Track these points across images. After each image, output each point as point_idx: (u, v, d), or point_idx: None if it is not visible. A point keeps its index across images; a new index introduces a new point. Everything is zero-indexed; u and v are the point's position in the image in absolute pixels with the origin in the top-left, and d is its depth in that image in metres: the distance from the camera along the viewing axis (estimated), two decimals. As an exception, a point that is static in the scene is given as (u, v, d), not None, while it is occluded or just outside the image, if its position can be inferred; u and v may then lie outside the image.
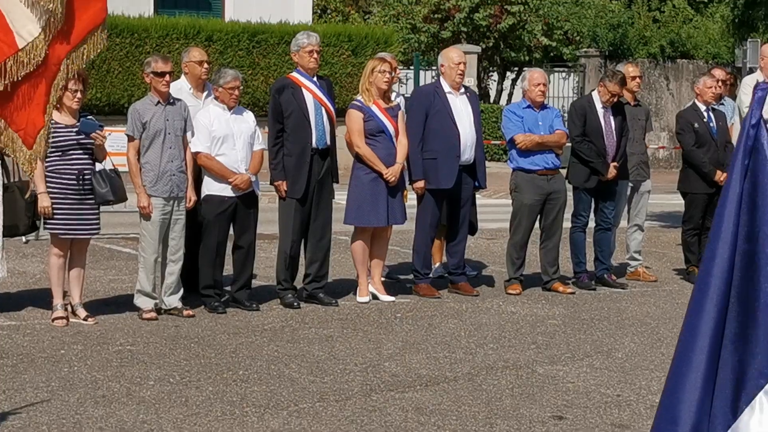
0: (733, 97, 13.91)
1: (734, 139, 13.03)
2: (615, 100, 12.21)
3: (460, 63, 11.66)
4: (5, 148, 4.03)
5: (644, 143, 13.03)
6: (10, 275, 10.69)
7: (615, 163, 12.08)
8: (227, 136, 10.50)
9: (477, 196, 12.36)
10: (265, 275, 12.05)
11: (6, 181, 10.01)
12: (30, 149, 4.02)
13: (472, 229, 12.23)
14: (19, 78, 3.85)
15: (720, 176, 12.63)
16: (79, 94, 9.77)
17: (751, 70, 18.78)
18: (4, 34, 3.85)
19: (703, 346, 2.77)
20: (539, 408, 7.88)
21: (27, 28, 3.86)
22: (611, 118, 12.19)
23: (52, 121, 6.84)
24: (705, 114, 12.86)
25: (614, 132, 12.16)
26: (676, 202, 15.48)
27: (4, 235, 9.99)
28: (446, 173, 11.43)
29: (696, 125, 12.81)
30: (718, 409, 2.77)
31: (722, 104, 13.56)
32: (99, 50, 4.17)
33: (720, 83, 13.42)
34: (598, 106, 12.22)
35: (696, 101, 13.05)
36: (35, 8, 3.86)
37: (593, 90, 12.50)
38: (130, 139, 10.21)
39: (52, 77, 4.00)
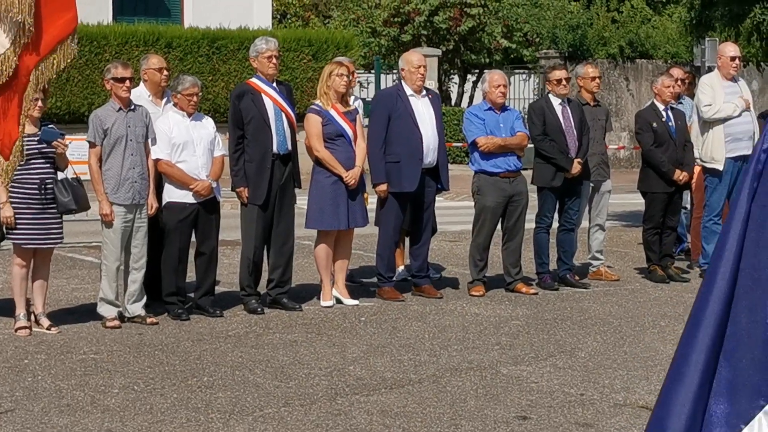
0: (692, 96, 13.99)
1: (693, 137, 13.16)
2: (568, 84, 12.33)
3: (420, 66, 11.69)
4: None
5: (604, 143, 13.11)
6: (-29, 286, 10.64)
7: (578, 159, 12.16)
8: (187, 143, 10.51)
9: (438, 198, 12.40)
10: (229, 281, 12.05)
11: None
12: (6, 160, 4.05)
13: (432, 230, 12.26)
14: None
15: (679, 175, 12.73)
16: (39, 103, 9.72)
17: (710, 69, 18.93)
18: None
19: (698, 361, 2.78)
20: (503, 408, 7.92)
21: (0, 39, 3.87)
22: (570, 115, 12.28)
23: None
24: (664, 113, 12.94)
25: (574, 129, 12.24)
26: (637, 202, 15.59)
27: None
28: (409, 176, 11.46)
29: (655, 125, 12.88)
30: (713, 425, 2.79)
31: (681, 103, 13.66)
32: (70, 60, 4.18)
33: (678, 82, 13.54)
34: (556, 104, 12.31)
35: (655, 101, 13.12)
36: (4, 21, 3.87)
37: (550, 92, 12.57)
38: (92, 145, 10.18)
39: (23, 89, 4.02)
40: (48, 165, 9.90)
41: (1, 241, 10.15)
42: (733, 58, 13.25)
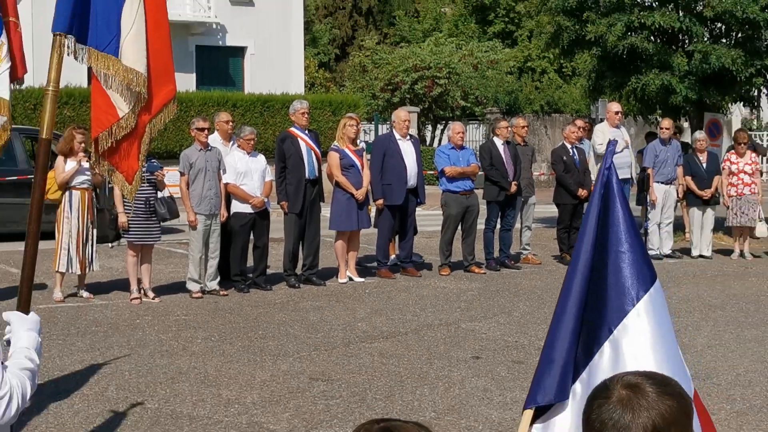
0: (590, 138, 14.00)
1: (590, 167, 13.15)
2: (510, 131, 12.33)
3: (406, 120, 11.70)
4: (116, 184, 4.24)
5: (531, 171, 13.09)
6: (101, 269, 10.64)
7: (515, 182, 12.16)
8: (247, 172, 10.49)
9: (418, 209, 12.39)
10: (275, 266, 12.00)
11: (98, 204, 10.00)
12: (131, 185, 4.17)
13: (414, 231, 12.24)
14: (120, 138, 4.01)
15: (581, 192, 12.73)
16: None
17: (601, 120, 18.93)
18: (108, 107, 4.01)
19: (571, 310, 2.84)
20: (463, 351, 7.91)
21: (124, 104, 4.00)
22: (508, 152, 12.27)
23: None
24: (571, 150, 12.94)
25: (511, 161, 12.24)
26: (552, 210, 15.58)
27: (97, 242, 9.98)
28: (398, 194, 11.46)
29: (564, 158, 12.89)
30: (580, 351, 2.84)
31: (582, 144, 13.65)
32: (171, 117, 4.32)
33: (580, 129, 13.52)
34: (498, 144, 12.29)
35: (564, 142, 13.13)
36: (125, 92, 4.01)
37: (494, 136, 12.54)
38: (182, 174, 10.18)
39: (141, 136, 4.14)
40: (151, 188, 9.89)
41: (119, 239, 10.13)
42: (617, 112, 13.33)
